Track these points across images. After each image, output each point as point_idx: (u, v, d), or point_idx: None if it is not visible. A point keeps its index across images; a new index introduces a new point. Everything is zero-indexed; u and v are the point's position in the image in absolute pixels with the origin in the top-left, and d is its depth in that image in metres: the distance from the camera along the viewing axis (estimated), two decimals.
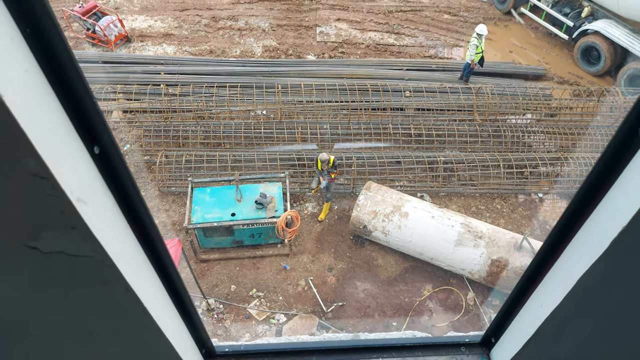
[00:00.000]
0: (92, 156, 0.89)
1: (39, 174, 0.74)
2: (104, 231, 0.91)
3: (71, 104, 0.81)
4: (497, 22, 15.54)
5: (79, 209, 0.82)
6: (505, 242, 8.82)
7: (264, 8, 15.87)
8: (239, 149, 11.22)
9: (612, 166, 0.98)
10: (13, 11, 0.67)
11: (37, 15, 0.70)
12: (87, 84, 0.82)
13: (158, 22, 15.36)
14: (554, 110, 12.32)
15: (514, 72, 13.77)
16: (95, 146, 0.89)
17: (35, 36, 0.71)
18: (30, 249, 0.85)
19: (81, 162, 0.87)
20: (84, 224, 0.84)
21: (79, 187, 0.82)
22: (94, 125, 0.87)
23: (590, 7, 13.73)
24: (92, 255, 0.91)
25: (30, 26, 0.70)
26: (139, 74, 12.94)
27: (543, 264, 1.32)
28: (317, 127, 11.36)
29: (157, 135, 11.26)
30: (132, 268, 1.05)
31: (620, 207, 0.96)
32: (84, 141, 0.86)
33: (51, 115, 0.77)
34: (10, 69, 0.67)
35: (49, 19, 0.71)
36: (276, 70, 13.25)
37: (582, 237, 1.14)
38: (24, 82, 0.70)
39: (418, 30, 15.22)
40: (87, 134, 0.87)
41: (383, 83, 12.27)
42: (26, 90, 0.70)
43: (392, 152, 11.15)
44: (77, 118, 0.83)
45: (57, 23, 0.73)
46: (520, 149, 11.36)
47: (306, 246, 9.96)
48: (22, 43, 0.70)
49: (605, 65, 13.36)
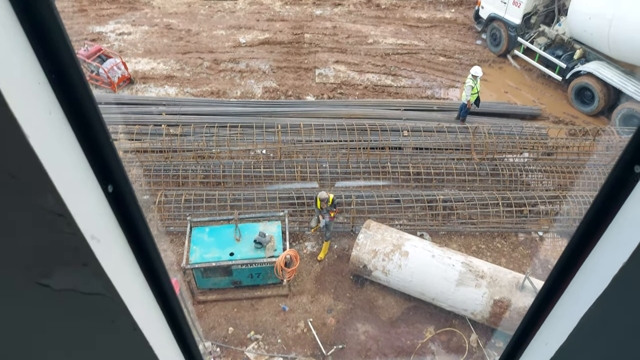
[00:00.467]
0: (106, 194, 0.92)
1: (56, 211, 0.76)
2: (115, 269, 0.92)
3: (89, 144, 0.84)
4: (492, 64, 15.94)
5: (92, 246, 0.84)
6: (507, 282, 8.72)
7: (265, 51, 16.31)
8: (238, 188, 11.27)
9: (611, 203, 1.00)
10: (41, 58, 0.71)
11: (63, 62, 0.74)
12: (105, 126, 0.85)
13: (161, 65, 15.74)
14: (550, 149, 12.46)
15: (510, 112, 14.01)
16: (109, 185, 0.92)
17: (60, 81, 0.75)
18: (42, 286, 0.86)
19: (96, 200, 0.89)
20: (96, 261, 0.86)
21: (93, 225, 0.85)
22: (109, 164, 0.90)
23: (582, 49, 14.12)
24: (102, 293, 0.92)
25: (55, 72, 0.74)
26: (140, 115, 13.15)
27: (546, 301, 1.32)
28: (317, 166, 11.45)
29: (157, 175, 11.32)
30: (140, 307, 1.06)
31: (621, 243, 0.98)
32: (99, 180, 0.89)
33: (70, 155, 0.81)
34: (36, 111, 0.70)
35: (74, 65, 0.75)
36: (276, 111, 13.48)
37: (584, 274, 1.15)
38: (48, 123, 0.74)
39: (415, 72, 15.60)
40: (103, 173, 0.90)
41: (381, 123, 12.46)
42: (49, 131, 0.74)
43: (392, 191, 11.19)
44: (93, 158, 0.86)
45: (81, 70, 0.77)
46: (518, 188, 11.42)
47: (305, 286, 9.83)
48: (48, 87, 0.74)
49: (599, 105, 13.61)
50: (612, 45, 12.94)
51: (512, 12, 15.25)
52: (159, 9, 18.56)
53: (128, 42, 16.79)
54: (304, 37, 16.94)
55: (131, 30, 17.36)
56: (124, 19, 17.95)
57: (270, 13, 18.28)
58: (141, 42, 16.75)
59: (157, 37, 16.96)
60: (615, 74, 13.19)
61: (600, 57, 13.71)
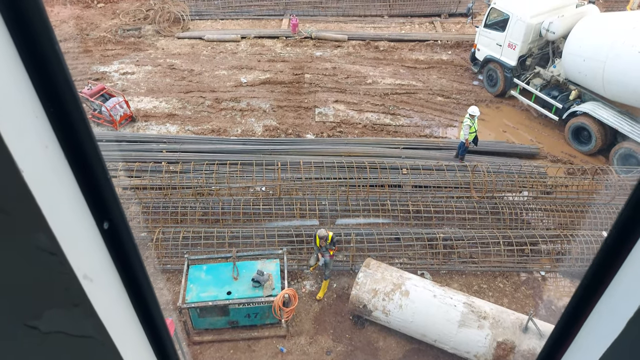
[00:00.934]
0: (101, 232, 0.89)
1: (48, 249, 0.73)
2: (107, 310, 0.88)
3: (86, 180, 0.82)
4: (489, 103, 16.18)
5: (84, 287, 0.80)
6: (510, 323, 8.53)
7: (266, 91, 16.58)
8: (237, 226, 11.19)
9: (622, 243, 0.97)
10: (40, 91, 0.70)
11: (62, 96, 0.73)
12: (103, 161, 0.83)
13: (163, 103, 15.96)
14: (549, 188, 12.48)
15: (508, 151, 14.12)
16: (105, 221, 0.89)
17: (58, 115, 0.73)
18: (30, 328, 0.82)
19: (90, 238, 0.86)
20: (87, 302, 0.82)
21: (86, 264, 0.81)
22: (105, 200, 0.87)
23: (577, 90, 14.36)
24: (92, 336, 0.87)
25: (54, 105, 0.72)
26: (141, 152, 13.22)
27: (556, 348, 1.27)
28: (316, 203, 11.42)
29: (155, 212, 11.27)
30: (132, 351, 1.00)
31: (635, 285, 0.94)
32: (94, 217, 0.86)
33: (66, 191, 0.78)
34: (32, 145, 0.68)
35: (73, 99, 0.74)
36: (276, 149, 13.57)
37: (596, 319, 1.11)
38: (44, 158, 0.72)
39: (413, 111, 15.81)
40: (99, 209, 0.87)
41: (380, 161, 12.53)
42: (44, 166, 0.72)
43: (391, 229, 11.11)
44: (90, 193, 0.84)
45: (81, 104, 0.76)
46: (519, 226, 11.35)
47: (304, 327, 9.60)
48: (45, 121, 0.72)
49: (597, 144, 13.72)
50: (606, 86, 13.17)
51: (507, 54, 15.61)
52: (163, 50, 19.00)
53: (131, 81, 17.09)
54: (304, 77, 17.27)
55: (135, 70, 17.70)
56: (128, 59, 18.34)
57: (271, 54, 18.70)
58: (144, 82, 17.05)
59: (160, 77, 17.28)
60: (611, 114, 13.37)
61: (595, 97, 13.93)
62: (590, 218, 11.45)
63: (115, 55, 18.51)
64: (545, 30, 14.55)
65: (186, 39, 19.62)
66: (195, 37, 19.66)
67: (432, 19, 21.01)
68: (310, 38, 19.48)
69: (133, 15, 20.95)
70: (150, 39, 19.66)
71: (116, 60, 18.21)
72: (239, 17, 21.20)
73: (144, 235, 11.06)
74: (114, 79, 17.16)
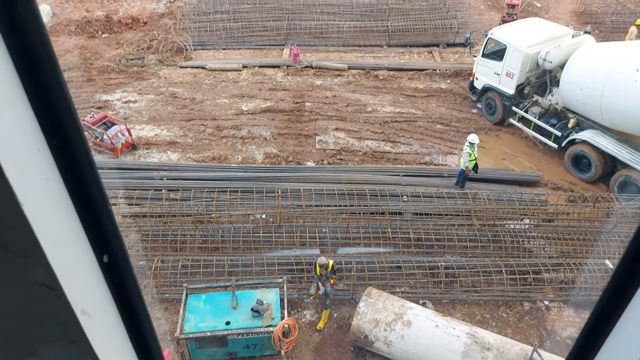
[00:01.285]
0: (100, 265, 0.87)
1: (46, 284, 0.71)
2: (105, 346, 0.85)
3: (86, 213, 0.80)
4: (488, 131, 16.29)
5: (81, 322, 0.78)
6: (514, 355, 8.35)
7: (267, 119, 16.72)
8: (236, 254, 11.10)
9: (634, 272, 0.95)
10: (43, 124, 0.69)
11: (66, 128, 0.72)
12: (104, 194, 0.82)
13: (164, 131, 16.07)
14: (551, 215, 12.43)
15: (509, 178, 14.13)
16: (104, 254, 0.87)
17: (61, 148, 0.73)
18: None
19: (89, 272, 0.84)
20: (84, 337, 0.79)
21: (84, 299, 0.79)
22: (106, 233, 0.86)
23: (575, 118, 14.47)
24: None
25: (57, 138, 0.72)
26: (141, 180, 13.23)
27: None
28: (316, 231, 11.35)
29: (154, 240, 11.19)
30: None
31: None
32: (94, 249, 0.85)
33: (66, 224, 0.77)
34: (33, 178, 0.68)
35: (77, 132, 0.73)
36: (276, 176, 13.59)
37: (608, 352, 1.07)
38: (44, 191, 0.71)
39: (413, 139, 15.90)
40: (98, 242, 0.85)
41: (381, 188, 12.52)
42: (45, 199, 0.71)
43: (392, 257, 11.01)
44: (90, 226, 0.82)
45: (84, 136, 0.75)
46: (521, 254, 11.26)
47: (304, 358, 9.40)
48: (47, 153, 0.72)
49: (597, 172, 13.74)
50: (604, 114, 13.27)
51: (505, 83, 15.81)
52: (165, 79, 19.26)
53: (133, 109, 17.26)
54: (305, 105, 17.44)
55: (137, 98, 17.90)
56: (131, 87, 18.57)
57: (272, 83, 18.94)
58: (146, 110, 17.21)
59: (162, 105, 17.46)
60: (610, 141, 13.43)
61: (594, 125, 14.01)
62: (593, 246, 11.36)
63: (118, 84, 18.74)
64: (542, 60, 14.77)
65: (188, 68, 19.91)
66: (198, 66, 19.95)
67: (431, 48, 21.37)
68: (310, 67, 19.78)
69: (137, 45, 21.32)
70: (153, 68, 19.96)
71: (119, 89, 18.44)
72: (241, 47, 21.57)
73: (143, 263, 10.96)
74: (117, 107, 17.33)
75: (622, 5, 23.75)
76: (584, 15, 23.58)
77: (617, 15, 22.85)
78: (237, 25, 21.78)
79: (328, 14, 22.38)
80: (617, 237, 11.38)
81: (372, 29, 21.76)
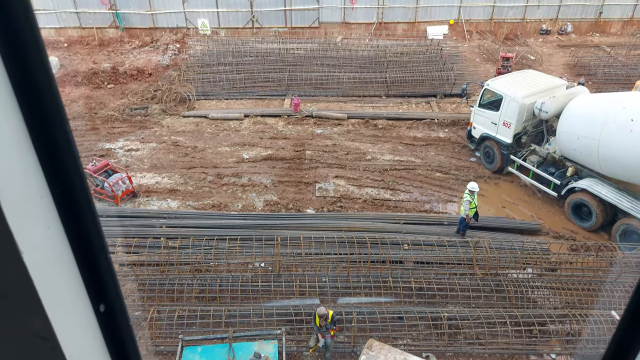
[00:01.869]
0: (96, 314, 0.85)
1: (41, 334, 0.69)
2: None
3: (85, 261, 0.79)
4: (488, 179, 16.38)
5: None
6: None
7: (267, 166, 16.86)
8: (234, 304, 10.87)
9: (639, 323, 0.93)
10: (47, 172, 0.70)
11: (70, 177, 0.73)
12: (104, 242, 0.81)
13: (165, 179, 16.16)
14: (554, 264, 12.27)
15: (509, 226, 14.05)
16: (101, 304, 0.85)
17: (63, 196, 0.73)
18: None
19: (85, 322, 0.82)
20: None
21: (79, 349, 0.77)
22: (103, 282, 0.84)
23: (573, 167, 14.57)
24: None
25: (60, 186, 0.72)
26: (140, 228, 13.16)
27: None
28: (316, 280, 11.17)
29: (151, 289, 10.99)
30: None
31: None
32: (91, 299, 0.83)
33: (64, 272, 0.76)
34: (34, 226, 0.67)
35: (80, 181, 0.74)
36: (276, 224, 13.53)
37: None
38: (45, 238, 0.70)
39: (412, 186, 15.96)
40: (96, 291, 0.84)
41: (381, 236, 12.43)
42: (45, 247, 0.70)
43: (394, 307, 10.78)
44: (88, 275, 0.81)
45: (87, 186, 0.76)
46: (525, 305, 11.02)
47: None
48: (50, 201, 0.72)
49: (597, 221, 13.67)
50: (602, 163, 13.35)
51: (502, 132, 16.04)
52: (168, 128, 19.58)
53: (135, 157, 17.43)
54: (305, 153, 17.64)
55: (139, 146, 18.12)
56: (134, 136, 18.85)
57: (273, 132, 19.24)
58: (148, 158, 17.38)
59: (164, 153, 17.65)
60: (609, 190, 13.44)
61: (592, 174, 14.08)
62: (598, 297, 11.14)
63: (122, 133, 19.03)
64: (538, 110, 15.06)
65: (191, 117, 20.29)
66: (200, 116, 20.34)
67: (429, 99, 21.86)
68: (311, 116, 20.16)
69: (141, 96, 21.83)
70: (156, 117, 20.34)
71: (122, 138, 18.70)
72: (243, 97, 22.08)
73: (138, 314, 10.71)
74: (119, 156, 17.51)
75: (614, 58, 24.51)
76: (576, 67, 24.29)
77: (609, 68, 23.52)
78: (239, 76, 22.40)
79: (328, 65, 23.07)
80: (621, 287, 11.18)
81: (371, 80, 22.36)
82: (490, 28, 28.53)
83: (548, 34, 28.64)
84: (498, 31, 28.58)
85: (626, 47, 25.20)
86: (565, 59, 25.50)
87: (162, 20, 27.62)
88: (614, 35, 28.93)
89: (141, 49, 26.69)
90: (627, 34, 28.44)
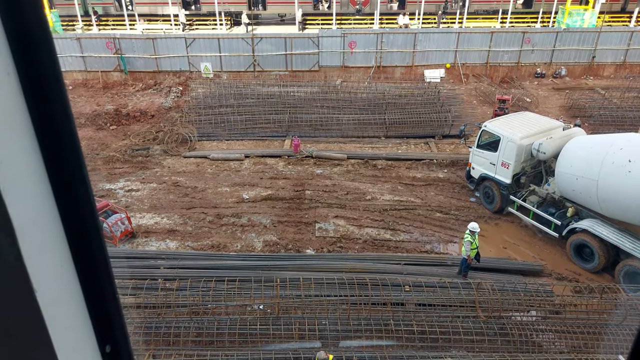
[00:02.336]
0: (102, 355, 0.84)
1: None
2: None
3: (94, 302, 0.80)
4: (488, 220, 16.33)
5: None
6: None
7: (267, 206, 16.85)
8: (232, 348, 10.59)
9: None
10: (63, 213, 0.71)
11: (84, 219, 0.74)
12: (114, 284, 0.82)
13: (164, 219, 16.11)
14: (558, 307, 12.05)
15: (511, 268, 13.90)
16: (107, 345, 0.85)
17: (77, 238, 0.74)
18: None
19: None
20: None
21: None
22: (111, 323, 0.84)
23: (574, 207, 14.56)
24: None
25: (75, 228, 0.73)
26: (138, 269, 13.01)
27: None
28: (316, 323, 10.94)
29: (147, 333, 10.74)
30: None
31: None
32: (97, 339, 0.83)
33: (73, 312, 0.76)
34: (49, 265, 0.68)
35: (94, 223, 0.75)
36: (275, 264, 13.38)
37: None
38: (58, 278, 0.71)
39: (413, 226, 15.90)
40: (103, 332, 0.83)
41: (382, 277, 12.26)
42: (58, 286, 0.70)
43: (396, 351, 10.50)
44: (96, 315, 0.81)
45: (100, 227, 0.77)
46: (530, 349, 10.75)
47: None
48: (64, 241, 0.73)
49: (600, 262, 13.53)
50: (602, 204, 13.34)
51: (501, 172, 16.14)
52: (169, 168, 19.71)
53: (135, 198, 17.45)
54: (305, 193, 17.67)
55: (140, 187, 18.18)
56: (135, 177, 18.94)
57: (273, 172, 19.36)
58: (148, 198, 17.40)
59: (164, 194, 17.68)
60: (610, 231, 13.37)
61: (593, 214, 14.05)
62: (604, 340, 10.89)
63: (122, 174, 19.13)
64: (536, 151, 15.20)
65: (192, 158, 20.46)
66: (201, 156, 20.51)
67: (427, 140, 22.13)
68: (311, 157, 20.34)
69: (143, 137, 22.10)
70: (157, 158, 20.51)
71: (122, 178, 18.79)
72: (243, 138, 22.35)
73: None
74: (119, 196, 17.53)
75: (609, 101, 24.99)
76: (572, 109, 24.73)
77: (604, 110, 23.94)
78: (240, 118, 22.77)
79: (328, 107, 23.49)
80: (627, 330, 10.95)
81: (370, 122, 22.71)
82: (486, 71, 29.25)
83: (543, 77, 29.32)
84: (494, 74, 29.28)
85: (620, 90, 25.74)
86: (561, 101, 25.99)
87: (165, 64, 28.32)
88: (607, 78, 29.61)
89: (144, 92, 27.24)
90: (620, 77, 29.13)
